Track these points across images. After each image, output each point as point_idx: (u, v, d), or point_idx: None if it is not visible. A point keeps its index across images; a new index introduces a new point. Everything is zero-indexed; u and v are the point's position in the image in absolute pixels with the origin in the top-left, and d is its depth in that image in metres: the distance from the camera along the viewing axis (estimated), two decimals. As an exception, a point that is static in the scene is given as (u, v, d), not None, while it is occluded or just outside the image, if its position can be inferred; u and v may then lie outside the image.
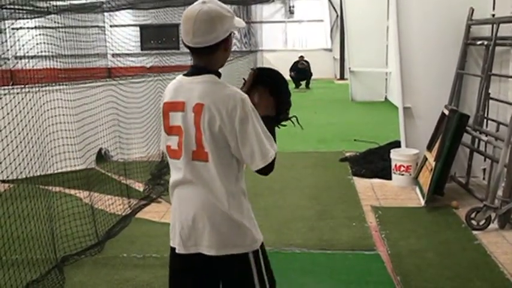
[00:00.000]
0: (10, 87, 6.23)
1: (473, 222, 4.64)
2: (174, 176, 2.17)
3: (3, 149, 4.26)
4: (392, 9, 6.21)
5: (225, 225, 2.10)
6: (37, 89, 4.86)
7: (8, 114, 4.31)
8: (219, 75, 2.13)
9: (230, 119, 1.99)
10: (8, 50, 4.58)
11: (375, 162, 6.69)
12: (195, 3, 2.05)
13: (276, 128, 2.27)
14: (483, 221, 4.61)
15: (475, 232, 4.57)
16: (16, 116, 4.35)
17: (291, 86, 15.01)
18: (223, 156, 2.06)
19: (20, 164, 4.40)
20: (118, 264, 4.12)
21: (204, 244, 2.12)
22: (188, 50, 2.10)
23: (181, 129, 2.08)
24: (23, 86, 5.07)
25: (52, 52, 4.84)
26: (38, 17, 6.70)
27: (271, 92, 2.25)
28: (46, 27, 5.25)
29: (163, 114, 2.16)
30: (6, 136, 4.26)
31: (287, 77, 13.26)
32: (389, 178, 6.13)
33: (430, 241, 4.43)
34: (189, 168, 2.10)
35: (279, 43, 21.45)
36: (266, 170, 2.08)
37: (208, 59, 2.09)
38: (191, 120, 2.05)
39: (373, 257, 4.17)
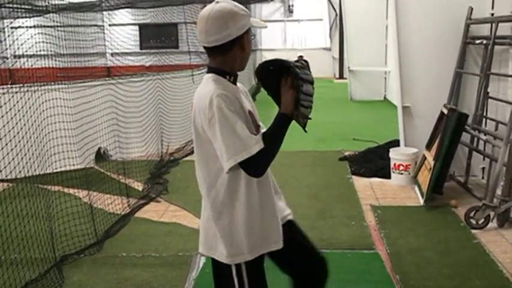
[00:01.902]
0: (9, 86, 6.21)
1: (472, 221, 4.64)
2: None
3: (2, 148, 4.26)
4: (392, 8, 6.19)
5: (209, 228, 2.11)
6: (36, 88, 4.85)
7: (6, 113, 4.31)
8: (229, 74, 2.07)
9: (205, 118, 1.95)
10: (6, 48, 4.57)
11: (374, 161, 6.69)
12: (209, 4, 2.04)
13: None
14: (482, 220, 4.61)
15: (474, 231, 4.57)
16: (15, 115, 4.34)
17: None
18: (207, 158, 2.03)
19: (18, 163, 4.39)
20: (117, 264, 4.12)
21: (199, 240, 2.19)
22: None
23: None
24: (21, 85, 5.07)
25: (51, 51, 4.83)
26: (36, 15, 6.69)
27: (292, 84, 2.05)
28: (45, 26, 5.24)
29: None
30: (5, 135, 4.26)
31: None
32: (389, 177, 6.14)
33: (429, 240, 4.43)
34: (195, 165, 2.16)
35: (278, 42, 21.42)
36: (248, 170, 1.94)
37: (223, 59, 2.05)
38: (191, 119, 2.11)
39: (372, 256, 4.17)
